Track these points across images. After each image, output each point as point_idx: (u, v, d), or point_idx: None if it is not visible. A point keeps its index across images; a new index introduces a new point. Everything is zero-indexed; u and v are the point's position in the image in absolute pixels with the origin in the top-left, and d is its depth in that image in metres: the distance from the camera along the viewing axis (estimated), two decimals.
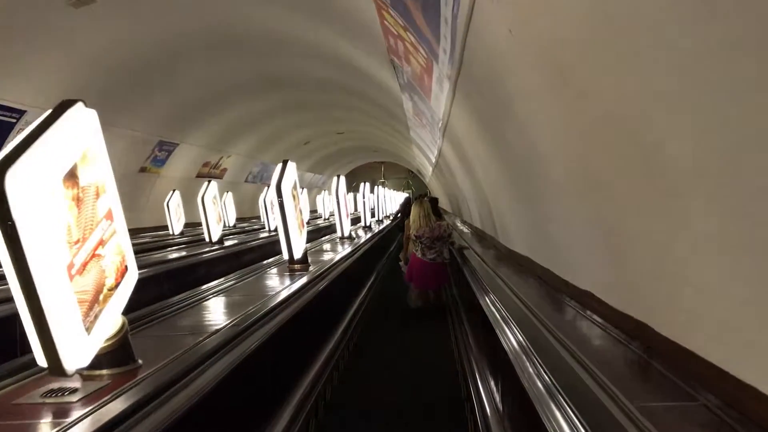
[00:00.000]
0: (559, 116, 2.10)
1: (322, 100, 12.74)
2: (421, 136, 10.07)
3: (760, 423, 1.18)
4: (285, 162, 4.29)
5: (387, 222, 13.90)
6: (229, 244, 8.05)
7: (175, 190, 9.62)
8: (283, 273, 4.60)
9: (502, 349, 2.48)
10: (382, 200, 15.23)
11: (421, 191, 22.29)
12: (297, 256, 4.46)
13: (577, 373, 1.73)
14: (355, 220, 12.32)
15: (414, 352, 5.58)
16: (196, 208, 7.93)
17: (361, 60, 7.66)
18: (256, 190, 16.05)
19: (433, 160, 10.93)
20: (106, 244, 1.73)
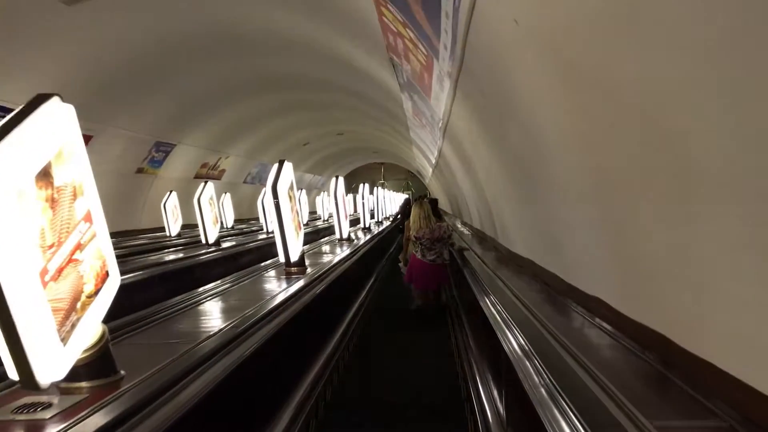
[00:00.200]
0: (565, 111, 1.99)
1: (322, 100, 12.63)
2: (421, 137, 9.97)
3: None
4: (281, 162, 4.17)
5: (386, 223, 13.80)
6: (226, 246, 7.92)
7: (171, 191, 9.49)
8: (280, 276, 4.50)
9: (503, 351, 2.42)
10: (382, 201, 15.12)
11: (420, 192, 22.21)
12: (294, 258, 4.36)
13: (582, 378, 1.66)
14: (355, 222, 12.23)
15: (414, 353, 5.57)
16: (193, 210, 7.81)
17: (360, 59, 7.58)
18: (255, 191, 15.91)
19: (433, 161, 10.83)
20: (85, 248, 1.63)
